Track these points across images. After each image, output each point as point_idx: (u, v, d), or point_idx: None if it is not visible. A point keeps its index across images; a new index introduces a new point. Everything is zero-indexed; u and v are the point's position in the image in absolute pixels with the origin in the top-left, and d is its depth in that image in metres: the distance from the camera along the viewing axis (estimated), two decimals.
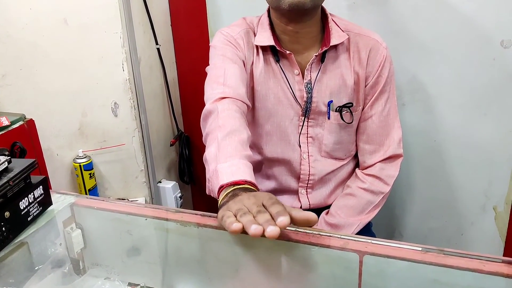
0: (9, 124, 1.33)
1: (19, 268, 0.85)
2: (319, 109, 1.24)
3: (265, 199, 0.72)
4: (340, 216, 1.28)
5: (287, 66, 1.21)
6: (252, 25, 1.25)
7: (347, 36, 1.20)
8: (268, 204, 0.71)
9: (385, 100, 1.25)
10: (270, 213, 0.69)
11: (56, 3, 1.46)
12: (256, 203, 0.71)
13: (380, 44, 1.22)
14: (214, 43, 1.23)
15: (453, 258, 0.70)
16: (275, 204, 0.71)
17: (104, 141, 1.63)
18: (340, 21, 1.23)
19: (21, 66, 1.50)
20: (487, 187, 1.59)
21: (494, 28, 1.40)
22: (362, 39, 1.22)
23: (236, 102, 1.08)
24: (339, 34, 1.20)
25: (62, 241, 0.92)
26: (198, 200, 2.09)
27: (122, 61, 1.54)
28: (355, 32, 1.23)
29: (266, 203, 0.71)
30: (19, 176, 0.83)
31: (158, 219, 0.89)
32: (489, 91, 1.48)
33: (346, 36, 1.20)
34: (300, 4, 1.08)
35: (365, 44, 1.22)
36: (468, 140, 1.56)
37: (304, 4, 1.09)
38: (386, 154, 1.28)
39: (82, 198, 0.97)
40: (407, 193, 1.71)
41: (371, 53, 1.21)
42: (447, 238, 1.72)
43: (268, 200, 0.72)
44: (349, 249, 0.74)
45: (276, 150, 1.29)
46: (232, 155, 0.92)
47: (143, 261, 0.93)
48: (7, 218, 0.80)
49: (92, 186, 1.61)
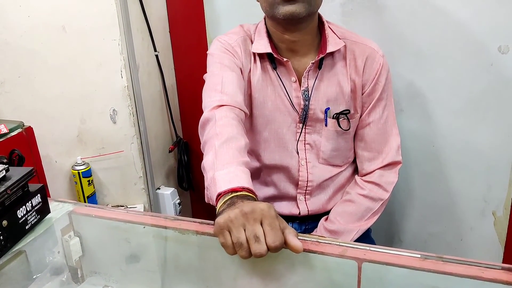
0: (8, 132, 1.33)
1: (17, 277, 0.84)
2: (316, 116, 1.24)
3: (265, 221, 0.73)
4: (340, 223, 1.28)
5: (284, 74, 1.22)
6: (250, 32, 1.26)
7: (343, 43, 1.21)
8: (266, 230, 0.72)
9: (382, 107, 1.25)
10: (266, 241, 0.71)
11: (54, 11, 1.46)
12: (253, 230, 0.72)
13: (376, 52, 1.23)
14: (212, 51, 1.24)
15: (452, 265, 0.70)
16: (272, 230, 0.72)
17: (103, 148, 1.63)
18: (337, 28, 1.24)
19: (19, 73, 1.50)
20: (486, 192, 1.59)
21: (492, 33, 1.40)
22: (359, 47, 1.23)
23: (233, 109, 1.08)
24: (336, 41, 1.20)
25: (60, 249, 0.92)
26: (197, 206, 2.09)
27: (120, 68, 1.54)
28: (352, 40, 1.23)
29: (265, 228, 0.73)
30: (17, 184, 0.83)
31: (157, 227, 0.89)
32: (487, 96, 1.48)
33: (343, 43, 1.21)
34: (294, 13, 1.09)
35: (361, 52, 1.22)
36: (467, 145, 1.56)
37: (298, 14, 1.09)
38: (384, 161, 1.28)
39: (80, 206, 0.97)
40: (406, 198, 1.70)
41: (367, 61, 1.22)
42: (447, 243, 1.71)
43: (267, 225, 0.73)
44: (347, 256, 0.74)
45: (274, 157, 1.29)
46: (229, 162, 0.92)
47: (141, 269, 0.93)
48: (4, 227, 0.79)
49: (90, 193, 1.61)
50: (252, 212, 0.73)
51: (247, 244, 0.72)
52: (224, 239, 0.74)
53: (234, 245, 0.73)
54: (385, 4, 1.48)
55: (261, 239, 0.71)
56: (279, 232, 0.72)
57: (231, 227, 0.73)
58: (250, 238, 0.72)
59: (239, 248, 0.73)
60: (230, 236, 0.74)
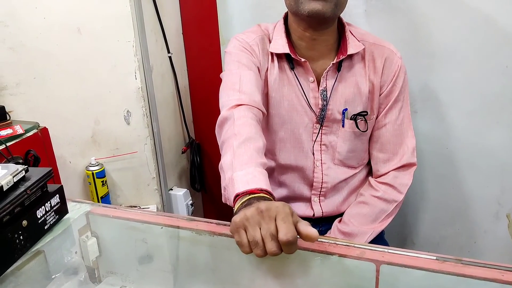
0: (23, 133, 1.34)
1: (36, 277, 0.85)
2: (333, 117, 1.24)
3: (278, 217, 0.73)
4: (353, 225, 1.27)
5: (302, 74, 1.22)
6: (267, 31, 1.26)
7: (363, 46, 1.21)
8: (279, 224, 0.72)
9: (399, 109, 1.25)
10: (278, 237, 0.71)
11: (69, 13, 1.48)
12: (269, 229, 0.72)
13: (395, 54, 1.23)
14: (230, 49, 1.23)
15: (471, 267, 0.69)
16: (284, 224, 0.72)
17: (117, 149, 1.64)
18: (355, 30, 1.24)
19: (34, 74, 1.52)
20: (500, 194, 1.58)
21: (507, 35, 1.40)
22: (377, 49, 1.23)
23: (252, 109, 1.08)
24: (356, 44, 1.20)
25: (77, 249, 0.93)
26: (209, 208, 2.09)
27: (134, 69, 1.55)
28: (370, 42, 1.23)
29: (278, 223, 0.72)
30: (36, 185, 0.83)
31: (173, 227, 0.89)
32: (501, 99, 1.47)
33: (362, 46, 1.21)
34: (320, 12, 1.09)
35: (380, 54, 1.22)
36: (481, 147, 1.55)
37: (324, 13, 1.09)
38: (400, 163, 1.27)
39: (97, 206, 0.98)
40: (420, 200, 1.70)
41: (386, 62, 1.22)
42: (460, 246, 1.70)
43: (280, 220, 0.72)
44: (365, 259, 0.74)
45: (290, 157, 1.29)
46: (247, 163, 0.92)
47: (158, 269, 0.94)
48: (24, 227, 0.80)
49: (104, 193, 1.62)
50: (267, 210, 0.74)
51: (262, 242, 0.72)
52: (239, 237, 0.74)
53: (249, 243, 0.73)
54: (398, 6, 1.48)
55: (276, 237, 0.72)
56: (291, 226, 0.72)
57: (247, 225, 0.74)
58: (265, 237, 0.72)
59: (254, 247, 0.73)
60: (246, 234, 0.74)
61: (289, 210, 0.74)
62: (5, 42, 1.47)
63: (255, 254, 0.73)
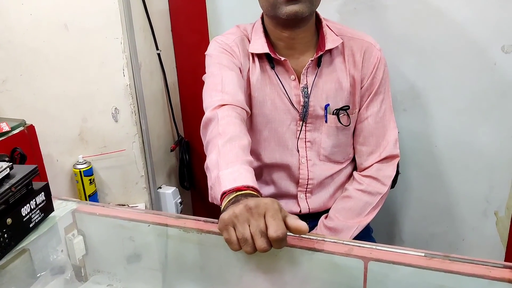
0: (10, 130, 1.32)
1: (21, 275, 0.84)
2: (316, 113, 1.24)
3: (268, 213, 0.72)
4: (339, 219, 1.27)
5: (283, 72, 1.22)
6: (246, 32, 1.26)
7: (341, 40, 1.22)
8: (268, 221, 0.72)
9: (380, 101, 1.26)
10: (268, 234, 0.71)
11: (56, 9, 1.46)
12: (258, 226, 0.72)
13: (374, 46, 1.23)
14: (210, 52, 1.24)
15: (459, 264, 0.70)
16: (274, 221, 0.71)
17: (105, 147, 1.62)
18: (333, 25, 1.24)
19: (21, 71, 1.50)
20: (488, 192, 1.59)
21: (495, 33, 1.40)
22: (356, 42, 1.23)
23: (235, 108, 1.09)
24: (333, 38, 1.21)
25: (63, 247, 0.92)
26: (198, 206, 2.08)
27: (122, 66, 1.54)
28: (348, 36, 1.24)
29: (267, 219, 0.72)
30: (21, 182, 0.83)
31: (161, 225, 0.88)
32: (489, 96, 1.48)
33: (341, 40, 1.21)
34: (298, 13, 1.10)
35: (359, 47, 1.23)
36: (469, 145, 1.56)
37: (302, 13, 1.10)
38: (382, 155, 1.28)
39: (83, 204, 0.97)
40: (408, 198, 1.70)
41: (365, 55, 1.22)
42: (449, 244, 1.71)
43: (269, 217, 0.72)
44: (353, 255, 0.74)
45: (275, 156, 1.29)
46: (233, 161, 0.92)
47: (145, 268, 0.93)
48: (9, 225, 0.79)
49: (92, 192, 1.60)
50: (256, 207, 0.73)
51: (251, 239, 0.72)
52: (228, 235, 0.74)
53: (239, 240, 0.73)
54: (388, 4, 1.48)
55: (265, 234, 0.71)
56: (281, 222, 0.72)
57: (235, 222, 0.73)
58: (255, 234, 0.72)
59: (244, 244, 0.72)
60: (234, 231, 0.73)
61: (278, 206, 0.74)
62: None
63: (244, 251, 0.73)
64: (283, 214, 0.73)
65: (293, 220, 0.73)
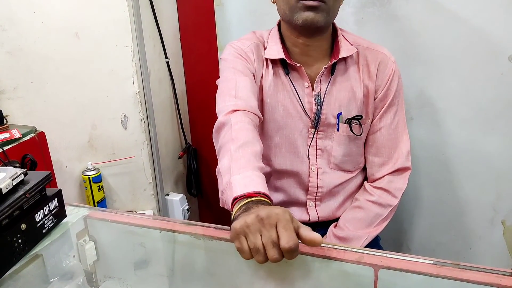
0: (21, 137, 1.34)
1: (34, 280, 0.85)
2: (328, 121, 1.25)
3: (279, 224, 0.73)
4: (349, 229, 1.28)
5: (297, 79, 1.23)
6: (262, 38, 1.27)
7: (356, 49, 1.22)
8: (280, 232, 0.72)
9: (393, 113, 1.26)
10: (280, 245, 0.71)
11: (68, 17, 1.48)
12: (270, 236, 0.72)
13: (389, 58, 1.24)
14: (225, 56, 1.25)
15: (469, 272, 0.70)
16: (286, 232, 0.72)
17: (113, 154, 1.64)
18: (349, 35, 1.25)
19: (32, 79, 1.52)
20: (495, 201, 1.59)
21: (502, 43, 1.41)
22: (371, 53, 1.24)
23: (248, 114, 1.09)
24: (348, 48, 1.21)
25: (75, 253, 0.93)
26: (205, 213, 2.09)
27: (132, 74, 1.55)
28: (364, 46, 1.24)
29: (279, 230, 0.72)
30: (35, 188, 0.84)
31: (172, 231, 0.89)
32: (496, 106, 1.48)
33: (355, 49, 1.22)
34: (314, 21, 1.10)
35: (374, 58, 1.23)
36: (476, 154, 1.56)
37: (317, 22, 1.11)
38: (394, 167, 1.28)
39: (95, 210, 0.97)
40: (415, 206, 1.71)
41: (380, 66, 1.23)
42: (455, 252, 1.71)
43: (281, 227, 0.72)
44: (364, 263, 0.74)
45: (285, 162, 1.30)
46: (245, 167, 0.92)
47: (156, 274, 0.94)
48: (23, 230, 0.80)
49: (100, 198, 1.62)
50: (268, 217, 0.73)
51: (263, 249, 0.72)
52: (240, 244, 0.74)
53: (250, 250, 0.73)
54: (395, 14, 1.49)
55: (277, 245, 0.72)
56: (293, 233, 0.72)
57: (247, 232, 0.74)
58: (267, 244, 0.72)
59: (255, 253, 0.73)
60: (246, 241, 0.74)
61: (289, 217, 0.74)
62: (3, 46, 1.47)
63: (256, 260, 0.73)
64: (295, 225, 0.73)
65: (306, 231, 0.73)
